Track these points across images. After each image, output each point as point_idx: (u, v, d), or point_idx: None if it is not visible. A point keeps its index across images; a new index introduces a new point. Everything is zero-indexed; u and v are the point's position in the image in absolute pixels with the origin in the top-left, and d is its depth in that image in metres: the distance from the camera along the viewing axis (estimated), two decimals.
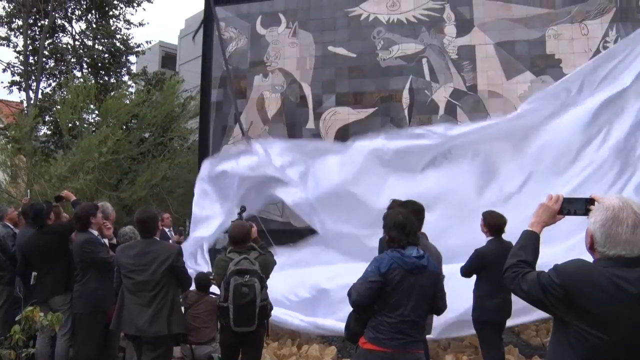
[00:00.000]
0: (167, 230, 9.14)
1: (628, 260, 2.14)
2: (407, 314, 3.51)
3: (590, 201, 2.41)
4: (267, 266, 4.77)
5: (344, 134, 8.12)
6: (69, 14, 18.05)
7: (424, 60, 8.06)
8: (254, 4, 8.96)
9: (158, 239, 5.00)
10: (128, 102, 13.57)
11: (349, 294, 3.68)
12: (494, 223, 5.41)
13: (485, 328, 5.30)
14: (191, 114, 14.52)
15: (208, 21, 9.13)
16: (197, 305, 5.68)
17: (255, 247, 4.77)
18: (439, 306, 3.78)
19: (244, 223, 5.09)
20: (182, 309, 5.52)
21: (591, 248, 2.26)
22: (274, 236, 7.80)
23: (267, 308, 4.64)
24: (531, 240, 2.53)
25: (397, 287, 3.51)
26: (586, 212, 2.37)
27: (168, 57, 35.45)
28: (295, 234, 8.49)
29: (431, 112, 7.93)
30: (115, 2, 18.15)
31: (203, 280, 5.77)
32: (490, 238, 5.37)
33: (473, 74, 7.91)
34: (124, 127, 13.13)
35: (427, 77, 8.02)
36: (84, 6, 17.94)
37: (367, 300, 3.62)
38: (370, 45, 8.29)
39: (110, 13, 18.25)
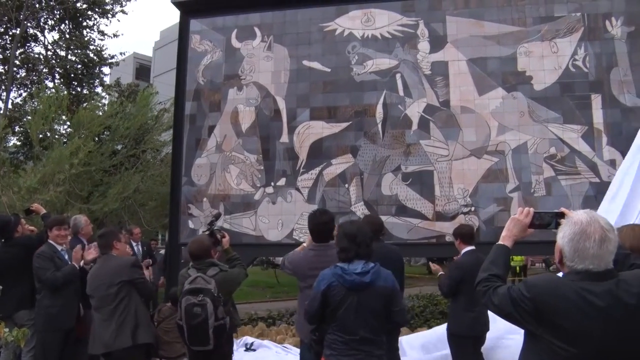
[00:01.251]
0: (134, 245, 9.09)
1: (595, 274, 2.18)
2: (355, 332, 3.43)
3: (560, 215, 2.46)
4: (228, 283, 4.64)
5: (318, 148, 8.15)
6: (41, 24, 17.89)
7: (398, 76, 8.12)
8: (229, 17, 8.95)
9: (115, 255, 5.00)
10: (101, 113, 13.44)
11: None
12: (464, 232, 5.49)
13: (460, 342, 5.32)
14: (165, 127, 14.44)
15: (182, 33, 9.09)
16: (170, 320, 5.62)
17: (215, 263, 4.65)
18: (397, 321, 3.68)
19: (202, 238, 4.96)
20: (155, 322, 5.49)
21: (560, 262, 2.31)
22: (247, 250, 7.79)
23: (225, 327, 4.48)
24: (502, 254, 2.58)
25: (340, 306, 3.43)
26: (556, 226, 2.41)
27: (142, 69, 35.35)
28: (268, 248, 8.49)
29: (404, 127, 7.97)
30: (90, 12, 18.04)
31: (176, 295, 5.71)
32: (464, 250, 5.42)
33: (446, 89, 7.98)
34: (96, 138, 13.00)
35: (401, 92, 8.07)
36: (57, 16, 17.81)
37: (314, 318, 3.61)
38: (344, 60, 8.33)
39: (84, 23, 18.16)
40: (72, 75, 17.59)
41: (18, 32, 16.96)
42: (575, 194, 7.49)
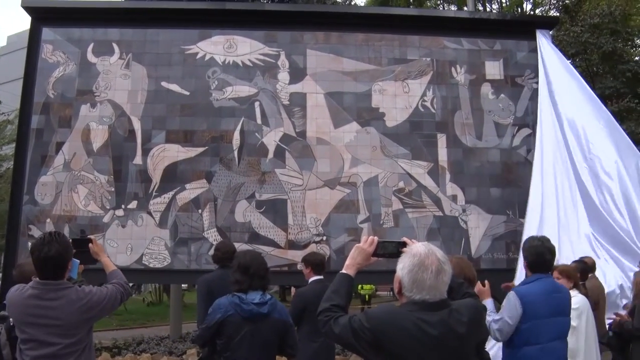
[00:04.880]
0: None
1: (431, 305, 2.29)
2: None
3: (403, 244, 2.54)
4: None
5: (172, 172, 7.95)
6: None
7: (257, 104, 8.19)
8: (87, 30, 8.55)
9: None
10: None
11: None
12: (315, 261, 5.57)
13: None
14: (7, 139, 13.46)
15: (33, 41, 8.55)
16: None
17: None
18: (289, 352, 3.68)
19: (23, 263, 4.52)
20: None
21: (399, 292, 2.39)
22: (93, 275, 7.38)
23: None
24: (344, 284, 2.62)
25: (234, 335, 3.39)
26: (399, 254, 2.48)
27: None
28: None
29: (260, 155, 8.03)
30: None
31: None
32: (312, 279, 5.49)
33: (303, 120, 8.17)
34: None
35: (259, 120, 8.14)
36: None
37: (203, 342, 3.57)
38: (204, 85, 8.25)
39: None
40: None
41: None
42: (420, 226, 7.94)
